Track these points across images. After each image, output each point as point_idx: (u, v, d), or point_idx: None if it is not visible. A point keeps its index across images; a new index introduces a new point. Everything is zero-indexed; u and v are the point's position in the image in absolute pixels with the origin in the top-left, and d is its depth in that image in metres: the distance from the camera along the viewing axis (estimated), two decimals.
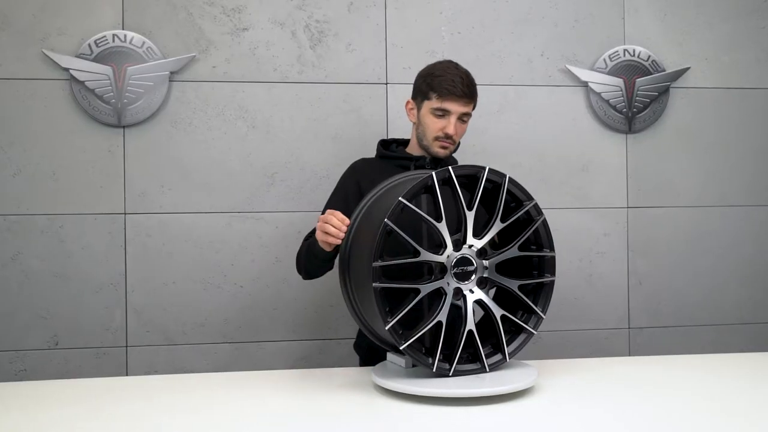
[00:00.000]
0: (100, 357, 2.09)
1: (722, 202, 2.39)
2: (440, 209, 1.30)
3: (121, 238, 2.10)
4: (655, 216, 2.36)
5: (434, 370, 1.28)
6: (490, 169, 1.35)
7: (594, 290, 2.33)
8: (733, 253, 2.40)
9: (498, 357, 1.36)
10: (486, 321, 1.38)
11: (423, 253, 1.29)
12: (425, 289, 1.29)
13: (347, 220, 1.38)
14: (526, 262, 1.42)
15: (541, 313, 1.40)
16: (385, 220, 1.24)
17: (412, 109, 1.69)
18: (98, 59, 2.06)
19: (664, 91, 2.35)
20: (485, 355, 1.35)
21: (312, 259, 1.53)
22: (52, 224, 2.07)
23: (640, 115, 2.34)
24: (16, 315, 2.05)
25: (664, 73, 2.34)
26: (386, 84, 2.22)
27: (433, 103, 1.60)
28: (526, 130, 2.30)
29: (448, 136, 1.61)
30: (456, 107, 1.59)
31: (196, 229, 2.13)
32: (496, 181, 1.36)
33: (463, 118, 1.63)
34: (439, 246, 1.33)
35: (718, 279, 2.39)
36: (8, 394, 1.33)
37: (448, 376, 1.30)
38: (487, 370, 1.34)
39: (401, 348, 1.26)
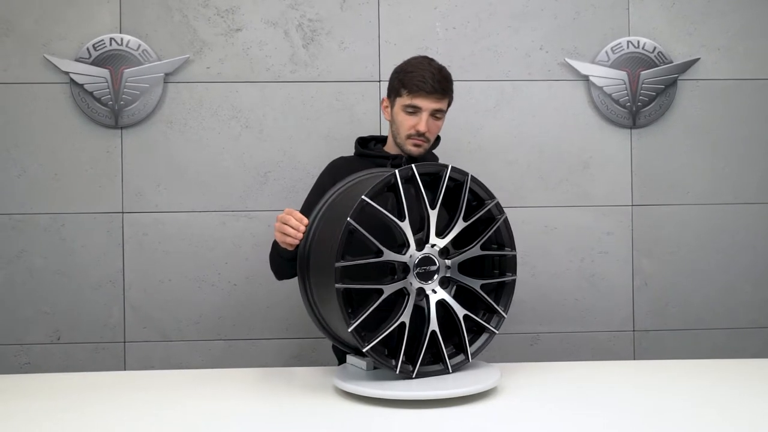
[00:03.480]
0: (99, 352, 2.15)
1: (733, 199, 2.27)
2: (403, 208, 1.28)
3: (119, 236, 2.15)
4: (661, 214, 2.26)
5: (398, 372, 1.26)
6: (453, 167, 1.33)
7: (596, 291, 2.26)
8: (745, 252, 2.27)
9: (461, 357, 1.35)
10: (449, 321, 1.36)
11: (386, 252, 1.27)
12: (388, 289, 1.27)
13: (305, 220, 1.37)
14: (487, 261, 1.40)
15: (503, 313, 1.37)
16: (348, 219, 1.23)
17: (386, 107, 1.67)
18: (96, 62, 2.12)
19: (672, 84, 2.25)
20: (448, 356, 1.33)
21: (277, 258, 1.53)
22: (54, 223, 2.14)
23: (645, 109, 2.24)
24: (21, 310, 2.13)
25: (671, 64, 2.24)
26: (379, 82, 2.20)
27: (404, 99, 1.58)
28: (524, 126, 2.24)
29: (420, 134, 1.59)
30: (427, 104, 1.56)
31: (191, 228, 2.17)
32: (458, 179, 1.34)
33: (437, 114, 1.59)
34: (402, 245, 1.31)
35: (729, 280, 2.27)
36: (13, 386, 1.39)
37: (411, 378, 1.28)
38: (450, 371, 1.32)
39: (364, 350, 1.24)
